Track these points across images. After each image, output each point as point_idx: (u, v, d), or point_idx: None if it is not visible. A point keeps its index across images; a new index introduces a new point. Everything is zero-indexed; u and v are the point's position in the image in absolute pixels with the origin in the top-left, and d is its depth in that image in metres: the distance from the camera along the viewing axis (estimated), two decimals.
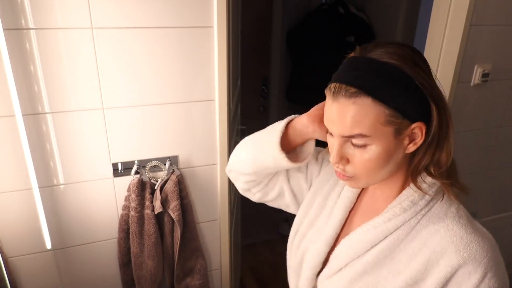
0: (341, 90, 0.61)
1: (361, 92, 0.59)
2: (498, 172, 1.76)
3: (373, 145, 0.62)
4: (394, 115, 0.60)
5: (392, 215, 0.67)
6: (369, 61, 0.61)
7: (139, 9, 1.12)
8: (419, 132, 0.63)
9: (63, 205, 1.25)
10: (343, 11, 2.56)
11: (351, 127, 0.61)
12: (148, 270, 1.35)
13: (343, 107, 0.61)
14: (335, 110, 0.62)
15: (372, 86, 0.59)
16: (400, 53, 0.60)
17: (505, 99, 1.59)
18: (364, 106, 0.59)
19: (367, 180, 0.67)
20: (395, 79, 0.59)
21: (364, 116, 0.60)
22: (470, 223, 0.65)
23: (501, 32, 1.44)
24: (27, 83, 1.09)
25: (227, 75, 1.28)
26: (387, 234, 0.67)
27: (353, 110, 0.60)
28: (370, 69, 0.60)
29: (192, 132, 1.32)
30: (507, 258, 2.23)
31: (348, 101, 0.60)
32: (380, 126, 0.60)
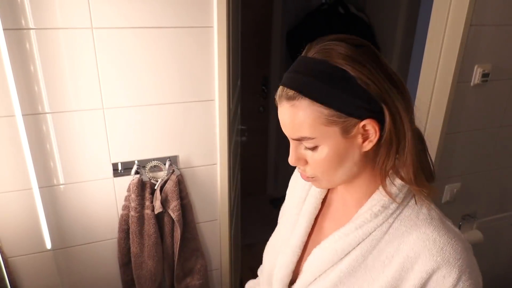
0: (283, 94, 0.61)
1: (298, 94, 0.58)
2: (498, 172, 1.76)
3: (322, 145, 0.61)
4: (335, 115, 0.58)
5: (363, 222, 0.65)
6: (308, 60, 0.60)
7: (139, 9, 1.12)
8: (372, 129, 0.60)
9: (63, 205, 1.25)
10: (343, 11, 2.56)
11: (295, 130, 0.61)
12: (148, 270, 1.35)
13: (285, 110, 0.61)
14: (281, 114, 0.62)
15: (308, 87, 0.58)
16: (340, 51, 0.58)
17: (505, 99, 1.59)
18: (301, 108, 0.59)
19: (328, 180, 0.66)
20: (332, 78, 0.57)
21: (304, 119, 0.59)
22: (443, 224, 0.64)
23: (501, 32, 1.44)
24: (27, 83, 1.09)
25: (227, 75, 1.28)
26: (359, 241, 0.65)
27: (292, 113, 0.60)
28: (307, 70, 0.59)
29: (192, 132, 1.32)
30: (507, 258, 2.23)
31: (287, 104, 0.60)
32: (322, 127, 0.59)
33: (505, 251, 1.98)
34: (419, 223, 0.63)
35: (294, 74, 0.60)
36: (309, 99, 0.58)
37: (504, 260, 2.00)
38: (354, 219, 0.67)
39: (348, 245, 0.66)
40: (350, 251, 0.66)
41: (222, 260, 1.57)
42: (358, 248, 0.66)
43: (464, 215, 1.76)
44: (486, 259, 1.89)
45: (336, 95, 0.57)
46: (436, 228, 0.62)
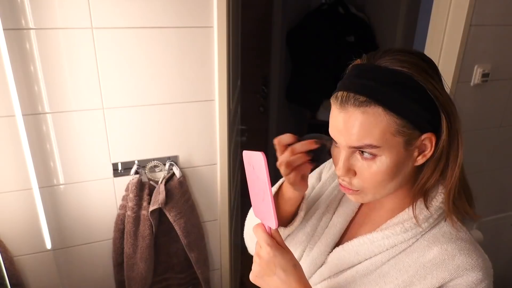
0: (350, 99, 0.58)
1: (371, 101, 0.57)
2: (498, 172, 1.75)
3: (382, 156, 0.59)
4: (405, 125, 0.57)
5: (391, 233, 0.65)
6: (377, 68, 0.59)
7: (139, 9, 1.12)
8: (428, 144, 0.60)
9: (63, 205, 1.25)
10: (343, 11, 2.56)
11: (360, 137, 0.58)
12: (139, 273, 1.34)
13: (352, 116, 0.58)
14: (343, 120, 0.59)
15: (382, 95, 0.57)
16: (410, 61, 0.58)
17: (505, 99, 1.59)
18: (374, 115, 0.57)
19: (374, 193, 0.64)
20: (406, 87, 0.57)
21: (374, 126, 0.57)
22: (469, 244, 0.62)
23: (501, 32, 1.44)
24: (27, 83, 1.09)
25: (227, 75, 1.28)
26: (382, 250, 0.66)
27: (362, 120, 0.57)
28: (379, 77, 0.58)
29: (192, 132, 1.32)
30: (507, 258, 2.23)
31: (357, 110, 0.58)
32: (390, 136, 0.58)
33: (505, 251, 1.98)
34: (442, 240, 0.63)
35: (364, 80, 0.58)
36: (383, 107, 0.57)
37: (504, 260, 2.00)
38: (384, 228, 0.67)
39: (371, 252, 0.66)
40: (371, 257, 0.67)
41: (222, 260, 1.57)
42: (379, 255, 0.66)
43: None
44: None
45: (410, 105, 0.57)
46: (459, 246, 0.61)
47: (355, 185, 0.63)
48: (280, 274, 0.60)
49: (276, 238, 0.62)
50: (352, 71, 0.62)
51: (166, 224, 1.33)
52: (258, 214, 0.64)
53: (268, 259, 0.61)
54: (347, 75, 0.62)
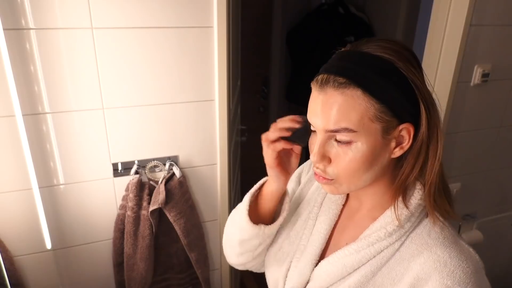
0: (329, 81, 0.57)
1: (351, 83, 0.56)
2: (498, 172, 1.76)
3: (358, 142, 0.58)
4: (384, 111, 0.56)
5: (376, 239, 0.63)
6: (360, 53, 0.58)
7: (139, 9, 1.12)
8: (406, 135, 0.59)
9: (63, 205, 1.25)
10: (343, 11, 2.56)
11: (337, 120, 0.57)
12: (139, 273, 1.34)
13: (330, 98, 0.57)
14: (321, 102, 0.59)
15: (362, 77, 0.56)
16: (393, 48, 0.57)
17: (505, 99, 1.59)
18: (353, 97, 0.56)
19: (349, 184, 0.62)
20: (387, 73, 0.56)
21: (352, 109, 0.56)
22: (455, 244, 0.61)
23: (501, 32, 1.44)
24: (27, 83, 1.09)
25: (227, 75, 1.28)
26: (370, 258, 0.64)
27: (340, 102, 0.56)
28: (361, 61, 0.57)
29: (192, 132, 1.32)
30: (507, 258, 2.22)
31: (336, 91, 0.57)
32: (368, 122, 0.57)
33: (505, 251, 1.98)
34: (430, 242, 0.61)
35: (345, 63, 0.58)
36: (362, 89, 0.55)
37: (504, 260, 2.00)
38: (367, 235, 0.65)
39: (358, 262, 0.64)
40: (359, 267, 0.65)
41: (222, 260, 1.57)
42: (367, 264, 0.64)
43: (464, 215, 1.76)
44: (486, 259, 1.88)
45: (390, 91, 0.56)
46: (448, 248, 0.60)
47: (330, 173, 0.62)
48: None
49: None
50: (335, 56, 0.62)
51: (166, 224, 1.33)
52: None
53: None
54: (330, 60, 0.62)
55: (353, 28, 2.54)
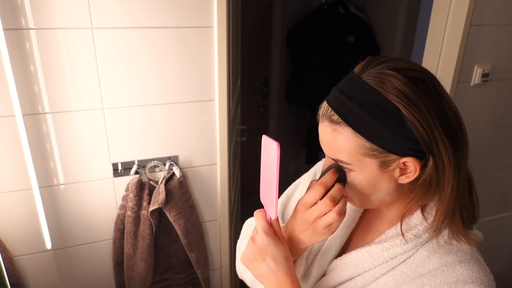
0: (326, 114, 0.59)
1: (342, 121, 0.56)
2: (498, 172, 1.75)
3: (355, 172, 0.59)
4: (377, 150, 0.56)
5: (391, 245, 0.63)
6: (359, 85, 0.56)
7: (139, 9, 1.12)
8: (412, 167, 0.57)
9: (63, 205, 1.25)
10: (343, 11, 2.56)
11: (333, 152, 0.60)
12: (139, 273, 1.34)
13: (326, 130, 0.59)
14: (321, 132, 0.61)
15: (354, 117, 0.55)
16: (396, 84, 0.53)
17: (505, 99, 1.59)
18: (343, 135, 0.57)
19: (360, 202, 0.64)
20: (382, 113, 0.54)
21: (343, 145, 0.57)
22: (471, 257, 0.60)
23: (501, 32, 1.44)
24: (27, 83, 1.09)
25: (227, 75, 1.28)
26: (382, 262, 0.64)
27: (332, 137, 0.58)
28: (359, 96, 0.55)
29: (192, 132, 1.32)
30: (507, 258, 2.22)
31: (330, 127, 0.58)
32: (361, 157, 0.57)
33: (505, 251, 1.98)
34: (442, 251, 0.61)
35: (342, 97, 0.57)
36: (353, 129, 0.56)
37: (504, 260, 2.00)
38: (383, 239, 0.65)
39: (370, 264, 0.65)
40: (370, 269, 0.66)
41: (222, 260, 1.57)
42: (378, 267, 0.65)
43: None
44: (486, 259, 1.88)
45: (383, 132, 0.54)
46: (459, 258, 0.60)
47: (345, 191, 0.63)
48: (269, 263, 0.61)
49: (275, 228, 0.62)
50: (343, 81, 0.60)
51: (166, 224, 1.33)
52: (262, 199, 0.65)
53: (261, 246, 0.61)
54: (339, 84, 0.61)
55: (353, 28, 2.54)
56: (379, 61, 0.58)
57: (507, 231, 1.92)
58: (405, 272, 0.62)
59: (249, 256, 0.64)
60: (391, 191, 0.61)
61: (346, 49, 2.51)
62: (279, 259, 0.61)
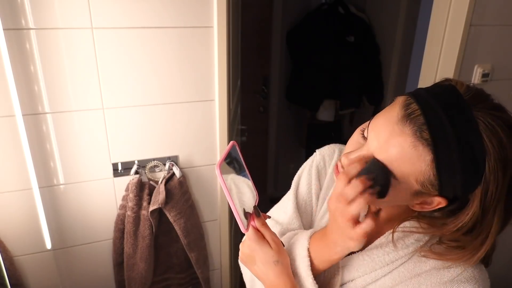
0: (414, 122, 0.49)
1: (430, 145, 0.48)
2: None
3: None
4: (433, 185, 0.51)
5: (392, 249, 0.63)
6: (469, 120, 0.48)
7: (139, 9, 1.12)
8: (435, 203, 0.54)
9: (63, 205, 1.25)
10: (343, 11, 2.56)
11: (389, 161, 0.51)
12: (139, 273, 1.34)
13: (401, 137, 0.50)
14: (391, 132, 0.51)
15: (444, 149, 0.48)
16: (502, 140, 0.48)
17: (505, 99, 1.58)
18: (419, 157, 0.49)
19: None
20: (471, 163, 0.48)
21: (409, 163, 0.50)
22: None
23: (501, 32, 1.44)
24: (27, 83, 1.09)
25: (227, 75, 1.28)
26: (383, 265, 0.64)
27: (406, 151, 0.50)
28: (461, 129, 0.48)
29: (192, 132, 1.32)
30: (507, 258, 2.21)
31: (411, 138, 0.49)
32: (413, 181, 0.52)
33: (505, 251, 1.98)
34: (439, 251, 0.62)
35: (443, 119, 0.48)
36: (434, 158, 0.49)
37: (504, 260, 2.00)
38: (384, 243, 0.65)
39: (371, 268, 0.65)
40: (370, 272, 0.66)
41: (222, 260, 1.57)
42: (379, 270, 0.65)
43: None
44: None
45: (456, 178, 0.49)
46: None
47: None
48: (259, 266, 0.62)
49: (262, 231, 0.62)
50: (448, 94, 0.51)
51: (166, 224, 1.33)
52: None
53: (248, 252, 0.62)
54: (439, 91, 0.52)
55: (353, 28, 2.54)
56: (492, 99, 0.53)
57: (507, 231, 1.92)
58: (402, 272, 0.63)
59: (242, 258, 0.66)
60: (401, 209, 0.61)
61: (346, 49, 2.51)
62: (267, 263, 0.61)
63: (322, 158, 0.80)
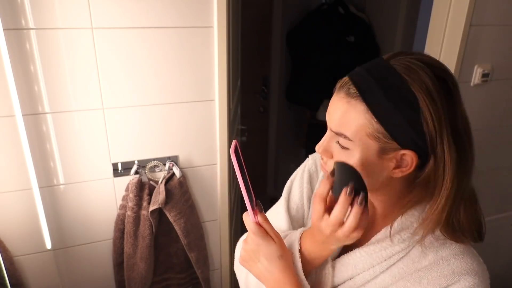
0: (345, 86, 0.59)
1: (359, 96, 0.56)
2: (498, 172, 1.75)
3: (353, 151, 0.58)
4: (382, 133, 0.56)
5: (388, 245, 0.64)
6: (385, 68, 0.57)
7: (139, 9, 1.12)
8: (408, 161, 0.57)
9: (63, 205, 1.25)
10: (343, 11, 2.56)
11: (338, 125, 0.59)
12: (139, 273, 1.34)
13: (339, 102, 0.59)
14: (333, 102, 0.61)
15: (371, 94, 0.56)
16: (422, 77, 0.54)
17: (505, 99, 1.58)
18: (355, 109, 0.57)
19: None
20: (400, 99, 0.54)
21: (352, 120, 0.57)
22: (465, 249, 0.62)
23: (501, 32, 1.44)
24: (27, 83, 1.09)
25: (227, 75, 1.28)
26: (380, 261, 0.65)
27: (344, 109, 0.58)
28: (380, 77, 0.56)
29: (192, 132, 1.32)
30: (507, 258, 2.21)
31: (344, 98, 0.58)
32: (365, 137, 0.57)
33: (505, 251, 1.98)
34: (437, 245, 0.62)
35: (366, 74, 0.58)
36: (366, 106, 0.56)
37: (504, 260, 2.00)
38: (380, 239, 0.66)
39: (369, 264, 0.65)
40: (369, 268, 0.66)
41: (222, 260, 1.57)
42: (377, 266, 0.65)
43: None
44: (486, 259, 1.88)
45: (395, 118, 0.55)
46: (453, 251, 0.61)
47: (330, 167, 0.62)
48: (263, 262, 0.62)
49: (265, 227, 0.62)
50: (370, 61, 0.61)
51: (166, 224, 1.33)
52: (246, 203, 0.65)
53: (252, 247, 0.62)
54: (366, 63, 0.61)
55: (353, 28, 2.54)
56: (410, 52, 0.59)
57: (507, 231, 1.92)
58: (401, 268, 0.63)
59: (244, 257, 0.65)
60: (382, 181, 0.61)
61: (346, 49, 2.51)
62: (272, 258, 0.61)
63: (314, 162, 0.84)
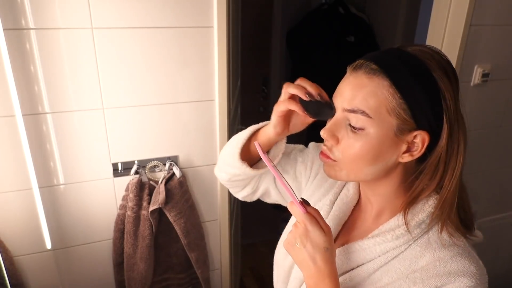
0: (363, 66, 0.59)
1: (381, 72, 0.57)
2: (498, 172, 1.76)
3: (370, 129, 0.58)
4: (404, 108, 0.56)
5: (382, 240, 0.64)
6: (401, 52, 0.59)
7: (139, 9, 1.12)
8: (420, 143, 0.58)
9: (63, 205, 1.25)
10: (343, 11, 2.56)
11: (357, 101, 0.58)
12: (139, 273, 1.34)
13: (358, 80, 0.59)
14: (348, 82, 0.60)
15: (394, 70, 0.57)
16: (435, 57, 0.58)
17: (505, 99, 1.59)
18: (378, 85, 0.57)
19: (349, 171, 0.62)
20: (420, 74, 0.56)
21: (374, 95, 0.57)
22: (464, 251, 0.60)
23: (501, 32, 1.44)
24: (27, 83, 1.09)
25: (227, 75, 1.28)
26: (374, 257, 0.64)
27: (365, 85, 0.57)
28: (399, 57, 0.58)
29: (192, 132, 1.32)
30: (507, 258, 2.22)
31: (365, 75, 0.58)
32: (385, 113, 0.57)
33: (505, 251, 1.98)
34: (435, 246, 0.61)
35: (383, 55, 0.59)
36: (390, 81, 0.56)
37: (504, 260, 2.00)
38: (375, 234, 0.65)
39: (362, 259, 0.65)
40: (363, 263, 0.65)
41: (222, 260, 1.57)
42: (371, 262, 0.64)
43: None
44: (486, 258, 1.88)
45: (416, 92, 0.56)
46: (451, 252, 0.60)
47: (335, 154, 0.62)
48: (309, 249, 0.61)
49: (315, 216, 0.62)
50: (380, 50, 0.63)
51: (166, 224, 1.33)
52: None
53: (302, 232, 0.61)
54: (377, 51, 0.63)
55: (353, 28, 2.54)
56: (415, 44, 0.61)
57: (507, 231, 1.92)
58: (398, 269, 0.62)
59: (290, 241, 0.63)
60: (389, 167, 0.61)
61: (346, 49, 2.51)
62: (319, 247, 0.60)
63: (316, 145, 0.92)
